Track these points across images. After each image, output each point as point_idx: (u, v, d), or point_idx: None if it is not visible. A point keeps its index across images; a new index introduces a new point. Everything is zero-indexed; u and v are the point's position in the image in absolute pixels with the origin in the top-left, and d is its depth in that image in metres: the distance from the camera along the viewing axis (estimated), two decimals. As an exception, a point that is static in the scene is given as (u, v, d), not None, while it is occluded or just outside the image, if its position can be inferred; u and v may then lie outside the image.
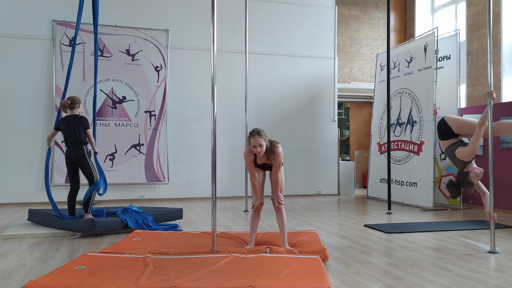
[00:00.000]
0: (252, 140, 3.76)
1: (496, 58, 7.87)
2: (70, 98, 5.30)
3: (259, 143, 3.75)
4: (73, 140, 5.21)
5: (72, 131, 5.19)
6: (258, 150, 3.77)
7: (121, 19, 8.07)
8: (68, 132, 5.21)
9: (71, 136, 5.20)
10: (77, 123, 5.23)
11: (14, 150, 7.60)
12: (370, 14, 10.85)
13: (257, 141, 3.75)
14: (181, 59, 8.49)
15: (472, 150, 4.25)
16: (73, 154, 5.22)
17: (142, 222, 5.17)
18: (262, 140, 3.76)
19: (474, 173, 4.27)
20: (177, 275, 3.07)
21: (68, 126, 5.19)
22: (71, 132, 5.20)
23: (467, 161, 4.37)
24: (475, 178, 4.25)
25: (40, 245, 4.43)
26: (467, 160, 4.36)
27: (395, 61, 8.54)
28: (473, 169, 4.32)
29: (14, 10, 7.69)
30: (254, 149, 3.78)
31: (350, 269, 3.56)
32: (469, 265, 3.67)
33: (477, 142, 4.21)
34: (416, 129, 7.78)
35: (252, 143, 3.77)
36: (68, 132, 5.20)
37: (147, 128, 8.21)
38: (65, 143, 5.30)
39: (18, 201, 7.54)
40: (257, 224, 4.11)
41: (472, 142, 4.26)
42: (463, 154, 4.36)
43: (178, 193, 8.41)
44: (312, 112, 9.29)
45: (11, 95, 7.61)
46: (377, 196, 8.66)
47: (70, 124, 5.21)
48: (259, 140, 3.74)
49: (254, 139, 3.75)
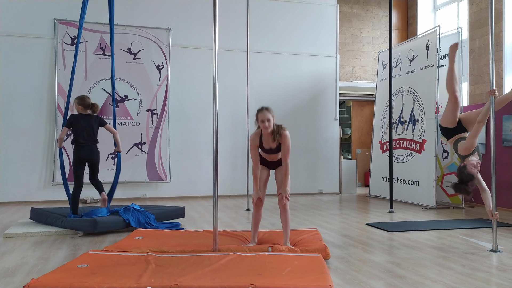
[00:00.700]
0: (261, 114, 3.83)
1: (498, 56, 7.85)
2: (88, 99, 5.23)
3: (267, 117, 3.80)
4: (91, 139, 5.16)
5: (90, 130, 5.12)
6: (266, 125, 3.80)
7: (122, 18, 8.07)
8: (85, 131, 5.10)
9: (89, 136, 5.13)
10: (94, 122, 5.18)
11: (16, 148, 7.61)
12: (372, 12, 10.83)
13: (265, 115, 3.80)
14: (183, 58, 8.49)
15: (469, 145, 4.24)
16: (88, 154, 5.13)
17: (144, 221, 5.18)
18: (270, 115, 3.82)
19: (471, 164, 4.25)
20: (179, 274, 3.07)
21: (86, 125, 5.11)
22: (89, 131, 5.12)
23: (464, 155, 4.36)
24: (473, 169, 4.23)
25: (42, 243, 4.45)
26: (464, 155, 4.35)
27: (397, 60, 8.52)
28: (469, 161, 4.30)
29: (16, 9, 7.70)
30: (262, 124, 3.82)
31: (352, 267, 3.56)
32: (471, 264, 3.67)
33: (475, 138, 4.21)
34: (418, 127, 7.76)
35: (260, 117, 3.83)
36: (86, 131, 5.10)
37: (149, 126, 8.22)
38: (77, 142, 5.12)
39: (21, 200, 7.56)
40: (259, 222, 4.11)
41: (469, 137, 4.26)
42: (461, 148, 4.37)
43: (180, 191, 8.42)
44: (314, 111, 9.29)
45: (13, 94, 7.63)
46: (379, 195, 8.65)
47: (88, 123, 5.13)
48: (267, 114, 3.81)
49: (263, 114, 3.82)
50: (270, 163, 4.08)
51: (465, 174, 4.24)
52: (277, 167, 4.07)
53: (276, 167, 4.08)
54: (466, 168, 4.25)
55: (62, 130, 5.18)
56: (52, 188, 7.71)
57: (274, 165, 4.09)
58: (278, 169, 4.05)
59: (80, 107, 5.18)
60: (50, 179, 7.73)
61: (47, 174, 7.75)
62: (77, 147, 5.14)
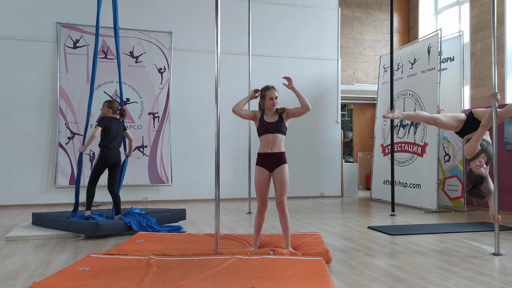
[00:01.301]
0: (268, 92, 4.05)
1: (500, 59, 7.85)
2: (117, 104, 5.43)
3: (275, 95, 4.04)
4: (119, 142, 5.35)
5: (120, 134, 5.32)
6: (274, 102, 4.02)
7: (124, 21, 8.07)
8: (117, 134, 5.27)
9: (119, 140, 5.31)
10: (121, 126, 5.40)
11: (18, 151, 7.63)
12: (373, 15, 10.84)
13: (273, 93, 4.04)
14: (185, 61, 8.51)
15: (471, 149, 4.19)
16: (116, 157, 5.27)
17: (145, 224, 5.18)
18: (277, 93, 4.06)
19: (475, 165, 4.22)
20: (181, 277, 3.07)
21: (117, 129, 5.28)
22: (119, 134, 5.31)
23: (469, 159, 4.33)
24: (479, 168, 4.18)
25: (44, 246, 4.45)
26: (468, 158, 4.32)
27: (399, 63, 8.53)
28: (473, 163, 4.27)
29: (18, 12, 7.73)
30: (271, 101, 4.01)
31: (354, 271, 3.56)
32: (473, 267, 3.66)
33: (477, 142, 4.16)
34: (420, 130, 7.76)
35: (269, 95, 4.03)
36: (117, 135, 5.27)
37: (150, 130, 8.24)
38: (107, 145, 5.18)
39: (22, 203, 7.56)
40: (261, 226, 4.10)
41: (472, 141, 4.20)
42: (465, 150, 4.34)
43: (182, 194, 8.43)
44: (316, 114, 9.28)
45: (15, 97, 7.65)
46: (380, 198, 8.64)
47: (119, 127, 5.33)
48: (274, 92, 4.05)
49: (270, 91, 4.05)
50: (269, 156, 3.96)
51: (474, 177, 4.19)
52: (276, 166, 3.96)
53: (275, 166, 3.97)
54: (472, 171, 4.22)
55: (96, 130, 5.07)
56: (54, 191, 7.73)
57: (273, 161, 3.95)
58: (277, 171, 3.97)
59: (110, 111, 5.31)
60: (52, 182, 7.74)
61: (49, 177, 7.76)
62: (107, 149, 5.21)
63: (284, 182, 3.95)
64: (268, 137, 3.97)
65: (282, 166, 3.97)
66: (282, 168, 3.97)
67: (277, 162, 3.97)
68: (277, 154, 3.97)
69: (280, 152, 3.98)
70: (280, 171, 3.96)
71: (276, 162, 3.97)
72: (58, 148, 7.68)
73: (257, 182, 3.99)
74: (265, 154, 3.98)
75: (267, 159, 3.97)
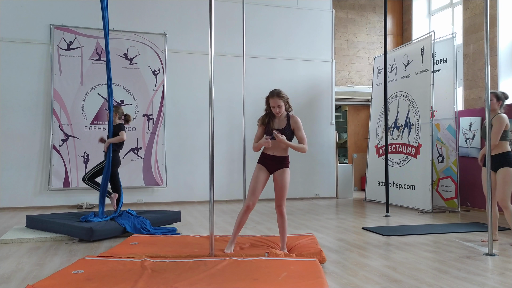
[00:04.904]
0: (272, 101, 3.90)
1: (493, 61, 7.91)
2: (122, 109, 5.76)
3: (278, 104, 3.87)
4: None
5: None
6: (277, 111, 3.89)
7: (119, 23, 8.08)
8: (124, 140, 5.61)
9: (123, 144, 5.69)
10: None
11: (12, 154, 7.58)
12: (367, 17, 10.89)
13: (276, 102, 3.87)
14: (179, 63, 8.50)
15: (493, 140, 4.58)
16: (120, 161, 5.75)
17: (140, 226, 5.16)
18: (281, 102, 3.88)
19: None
20: (175, 279, 3.07)
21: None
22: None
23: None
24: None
25: (38, 249, 4.43)
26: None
27: (392, 64, 8.57)
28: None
29: (12, 14, 7.70)
30: (273, 109, 3.90)
31: (348, 271, 3.57)
32: (467, 268, 3.68)
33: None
34: (414, 132, 7.80)
35: (271, 103, 3.90)
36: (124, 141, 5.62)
37: (145, 131, 8.22)
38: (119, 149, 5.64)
39: (16, 205, 7.51)
40: (242, 225, 4.01)
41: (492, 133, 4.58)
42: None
43: (176, 196, 8.41)
44: (310, 115, 9.30)
45: (9, 99, 7.61)
46: (375, 199, 8.67)
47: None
48: (278, 101, 3.87)
49: (274, 100, 3.88)
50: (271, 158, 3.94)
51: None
52: (277, 169, 3.96)
53: (276, 169, 3.96)
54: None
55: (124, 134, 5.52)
56: (48, 194, 7.69)
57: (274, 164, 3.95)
58: (278, 174, 3.96)
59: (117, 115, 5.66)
60: (46, 184, 7.70)
61: (43, 179, 7.72)
62: (117, 153, 5.66)
63: (285, 185, 3.94)
64: (274, 141, 3.92)
65: (283, 169, 3.96)
66: (283, 171, 3.95)
67: (278, 165, 3.97)
68: (280, 157, 3.97)
69: (283, 156, 3.98)
70: (281, 174, 3.95)
71: (277, 165, 3.97)
72: (52, 150, 7.65)
73: (254, 178, 3.95)
74: (268, 156, 3.98)
75: (269, 160, 3.97)
